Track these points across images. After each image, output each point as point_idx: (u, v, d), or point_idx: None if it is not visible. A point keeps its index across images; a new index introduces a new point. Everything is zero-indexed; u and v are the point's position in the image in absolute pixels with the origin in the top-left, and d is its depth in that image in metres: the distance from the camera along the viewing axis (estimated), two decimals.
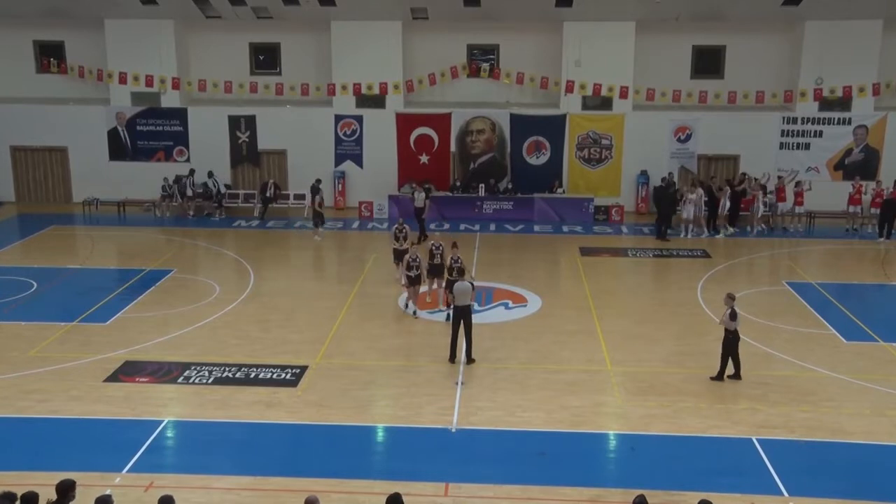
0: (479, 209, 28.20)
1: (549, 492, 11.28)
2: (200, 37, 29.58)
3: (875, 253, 24.27)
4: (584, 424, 13.34)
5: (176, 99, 29.29)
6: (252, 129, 29.38)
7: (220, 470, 11.76)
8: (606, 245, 24.93)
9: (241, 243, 25.01)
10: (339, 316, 18.45)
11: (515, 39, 28.82)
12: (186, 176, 28.76)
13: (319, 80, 29.19)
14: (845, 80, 27.63)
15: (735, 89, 28.32)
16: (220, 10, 27.78)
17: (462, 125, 28.87)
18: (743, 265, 23.02)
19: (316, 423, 13.32)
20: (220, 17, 28.32)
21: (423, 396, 14.25)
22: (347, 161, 29.35)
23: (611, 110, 28.46)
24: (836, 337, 17.26)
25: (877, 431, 13.05)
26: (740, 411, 13.70)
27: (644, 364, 15.66)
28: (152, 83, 29.03)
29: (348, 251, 25.23)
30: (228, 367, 15.42)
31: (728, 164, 28.71)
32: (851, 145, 28.14)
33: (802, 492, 11.17)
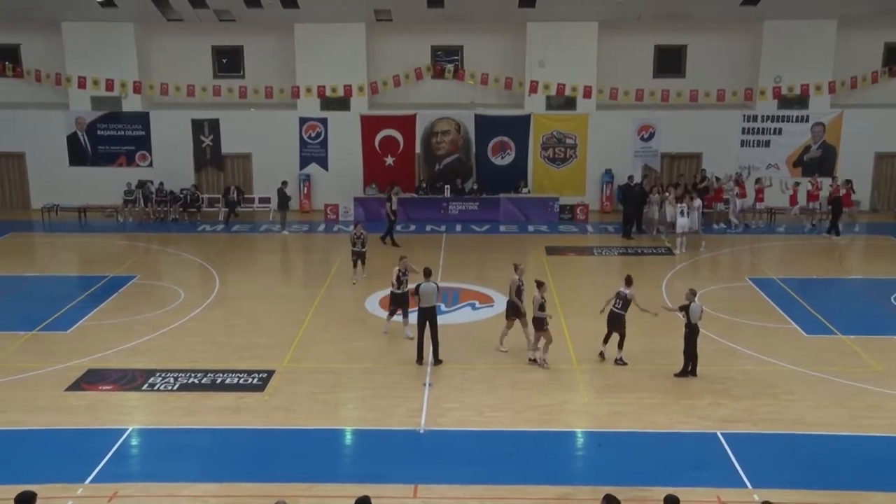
0: (445, 210, 28.24)
1: (517, 491, 11.33)
2: (162, 40, 29.30)
3: (833, 248, 24.70)
4: (552, 423, 13.42)
5: (137, 103, 28.98)
6: (216, 133, 29.16)
7: (187, 477, 11.66)
8: (572, 244, 25.09)
9: (205, 248, 24.79)
10: (305, 319, 18.38)
11: (479, 40, 28.92)
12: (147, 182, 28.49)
13: (283, 83, 29.04)
14: (803, 79, 28.12)
15: (697, 88, 28.67)
16: (182, 12, 27.52)
17: (427, 126, 28.90)
18: (706, 262, 23.30)
19: (284, 428, 13.26)
20: (181, 19, 28.05)
21: (391, 398, 14.24)
22: (312, 164, 29.25)
23: (575, 110, 28.66)
24: (797, 331, 17.55)
25: (835, 422, 13.29)
26: (705, 406, 13.87)
27: (610, 362, 15.77)
28: (113, 87, 28.69)
29: (314, 254, 25.14)
30: (194, 372, 15.29)
31: (691, 162, 29.05)
32: (809, 142, 28.63)
33: (765, 483, 11.34)
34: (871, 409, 13.76)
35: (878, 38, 28.48)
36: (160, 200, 28.45)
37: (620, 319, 15.68)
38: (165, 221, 28.22)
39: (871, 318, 18.46)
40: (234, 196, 28.16)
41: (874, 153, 28.62)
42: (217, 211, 28.73)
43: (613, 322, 15.73)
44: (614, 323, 15.72)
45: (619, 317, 15.67)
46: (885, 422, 13.36)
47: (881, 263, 23.06)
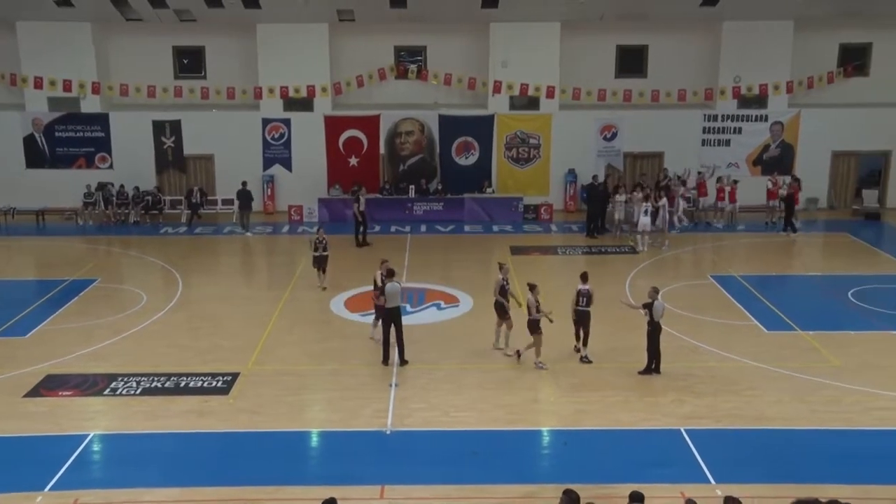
0: (410, 210, 28.22)
1: (483, 490, 11.36)
2: (121, 40, 28.90)
3: (793, 245, 25.10)
4: (518, 422, 13.47)
5: (96, 104, 28.56)
6: (177, 134, 28.84)
7: (150, 483, 11.52)
8: (536, 244, 25.21)
9: (168, 250, 24.51)
10: (270, 321, 18.26)
11: (442, 41, 28.95)
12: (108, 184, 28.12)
13: (246, 84, 28.81)
14: (761, 79, 28.54)
15: (658, 88, 28.96)
16: (141, 12, 27.17)
17: (391, 127, 28.86)
18: (669, 260, 23.54)
19: (249, 431, 13.17)
20: (140, 19, 27.69)
21: (357, 400, 14.21)
22: (276, 165, 29.05)
23: (538, 110, 28.81)
24: (758, 327, 17.81)
25: (796, 417, 13.52)
26: (668, 403, 14.02)
27: (575, 360, 15.88)
28: (71, 88, 28.24)
29: (278, 255, 24.98)
30: (157, 376, 15.11)
31: (653, 161, 29.34)
32: (768, 141, 29.07)
33: (728, 478, 11.49)
34: (830, 404, 14.01)
35: (834, 39, 29.00)
36: (121, 203, 28.06)
37: (586, 316, 15.83)
38: (126, 224, 27.85)
39: (829, 314, 18.79)
40: (196, 198, 27.88)
41: (830, 152, 29.13)
42: (179, 213, 28.42)
43: (581, 320, 15.87)
44: (581, 320, 15.86)
45: (585, 314, 15.82)
46: (843, 415, 13.62)
47: (838, 260, 23.48)
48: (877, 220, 27.78)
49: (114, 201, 28.01)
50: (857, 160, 29.46)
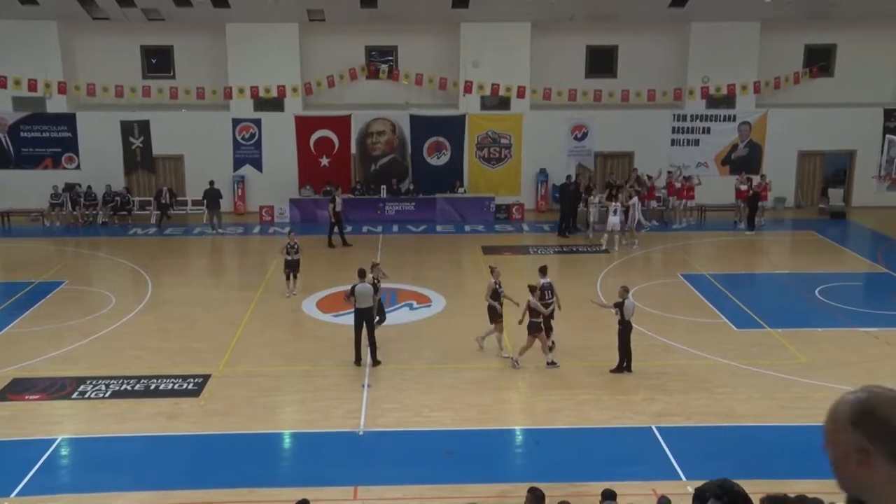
0: (382, 210, 28.18)
1: (457, 490, 11.37)
2: (88, 39, 28.56)
3: (761, 244, 25.41)
4: (491, 421, 13.51)
5: (63, 104, 28.20)
6: (146, 135, 28.56)
7: (120, 486, 11.40)
8: (508, 243, 25.28)
9: (137, 252, 24.26)
10: (241, 322, 18.14)
11: (413, 41, 28.93)
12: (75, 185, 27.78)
13: (215, 84, 28.59)
14: (729, 79, 28.85)
15: (628, 88, 29.16)
16: (108, 11, 26.86)
17: (362, 127, 28.79)
18: (640, 259, 23.73)
19: (221, 433, 13.08)
20: (107, 18, 27.38)
21: (329, 400, 14.16)
22: (246, 165, 28.87)
23: (509, 110, 28.89)
24: (728, 325, 17.99)
25: (765, 413, 13.69)
26: (640, 401, 14.13)
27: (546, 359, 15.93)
28: (36, 87, 27.85)
29: (249, 256, 24.83)
30: (127, 379, 14.96)
31: (623, 161, 29.54)
32: (737, 141, 29.39)
33: (699, 475, 11.53)
34: (798, 400, 14.19)
35: (799, 40, 29.40)
36: (89, 204, 27.73)
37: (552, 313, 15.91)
38: (94, 225, 27.53)
39: (797, 311, 19.05)
40: (166, 198, 27.61)
41: (797, 151, 29.52)
42: (149, 214, 28.14)
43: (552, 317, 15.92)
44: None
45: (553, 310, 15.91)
46: (811, 411, 13.77)
47: (805, 258, 23.81)
48: (842, 218, 28.19)
49: (81, 202, 27.67)
50: (822, 159, 29.89)
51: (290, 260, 19.84)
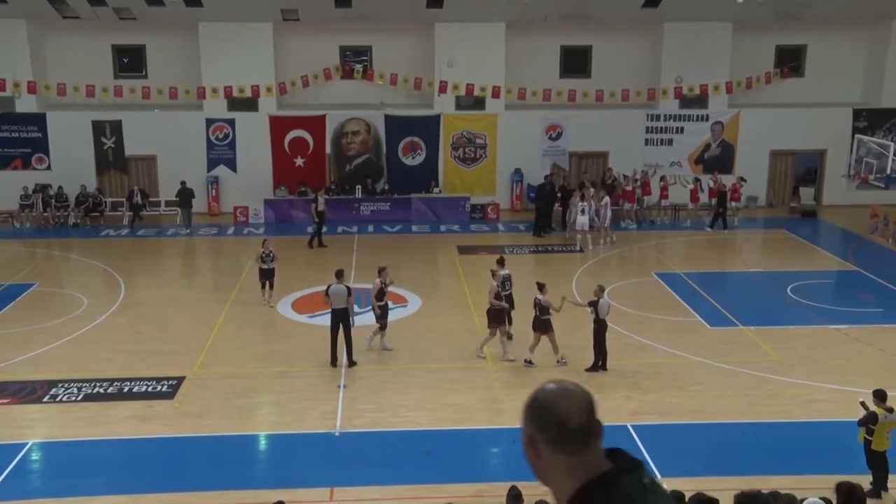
0: (357, 211, 28.09)
1: (434, 490, 11.38)
2: (58, 38, 28.22)
3: (734, 243, 25.63)
4: (467, 421, 13.53)
5: (32, 104, 27.82)
6: (118, 135, 28.26)
7: (93, 491, 11.30)
8: (483, 243, 25.30)
9: (109, 253, 24.02)
10: (215, 324, 18.02)
11: (388, 41, 28.88)
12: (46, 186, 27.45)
13: (188, 83, 28.34)
14: (702, 79, 29.07)
15: (602, 88, 29.27)
16: (78, 10, 26.53)
17: (337, 127, 28.69)
18: (614, 258, 23.85)
19: (195, 435, 12.99)
20: (78, 17, 27.05)
21: (305, 402, 14.11)
22: (220, 165, 28.66)
23: (484, 110, 28.91)
24: (702, 323, 18.14)
25: (738, 411, 13.83)
26: (615, 400, 14.20)
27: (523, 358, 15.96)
28: (5, 87, 27.46)
29: (224, 257, 24.68)
30: (99, 382, 14.80)
31: (598, 160, 29.68)
32: (709, 140, 29.62)
33: (673, 472, 11.67)
34: (770, 397, 14.35)
35: (770, 40, 29.69)
36: (60, 205, 27.40)
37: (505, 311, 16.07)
38: (66, 227, 27.20)
39: (769, 309, 19.26)
40: (138, 199, 27.35)
41: (769, 151, 29.81)
42: (121, 215, 27.87)
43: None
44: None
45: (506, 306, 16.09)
46: (782, 408, 13.96)
47: (777, 257, 24.06)
48: (813, 217, 28.51)
49: (52, 203, 27.33)
50: (793, 159, 30.21)
51: (266, 269, 19.12)
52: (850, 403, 13.55)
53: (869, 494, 10.16)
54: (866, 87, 30.04)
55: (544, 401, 2.43)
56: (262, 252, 19.22)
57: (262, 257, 19.17)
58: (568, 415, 2.39)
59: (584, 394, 2.47)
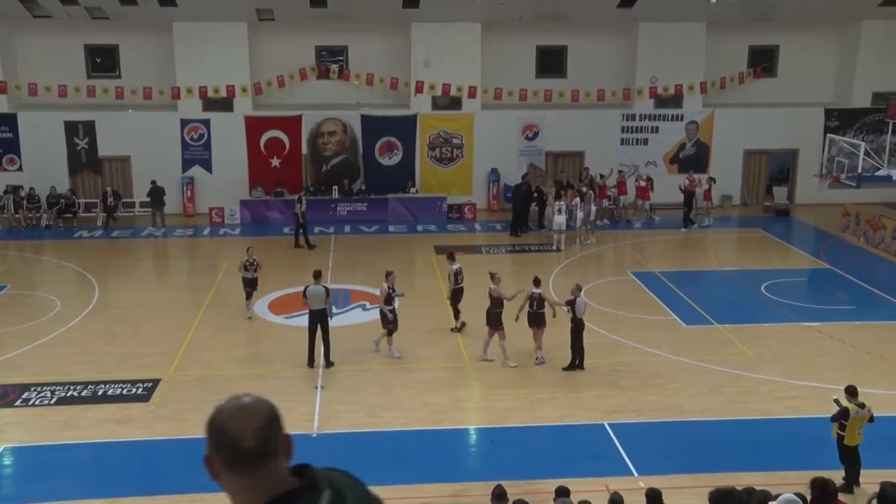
0: (334, 211, 28.00)
1: (412, 490, 11.37)
2: (29, 38, 27.88)
3: (709, 241, 25.85)
4: (445, 421, 13.53)
5: (3, 104, 27.48)
6: (91, 136, 27.98)
7: (67, 495, 11.18)
8: (461, 243, 25.28)
9: (83, 255, 23.77)
10: (192, 326, 17.90)
11: (364, 41, 28.81)
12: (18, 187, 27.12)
13: (163, 84, 28.11)
14: (677, 79, 29.27)
15: (578, 88, 29.38)
16: (50, 9, 26.23)
17: (313, 127, 28.59)
18: (591, 257, 23.96)
19: (171, 438, 12.89)
20: (49, 16, 26.74)
21: (282, 403, 13.65)
22: (195, 166, 28.46)
23: (460, 110, 28.93)
24: (678, 322, 18.27)
25: (714, 408, 13.94)
26: (593, 398, 14.28)
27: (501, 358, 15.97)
28: None
29: (200, 259, 24.51)
30: (73, 385, 14.65)
31: (574, 160, 29.79)
32: (684, 140, 29.84)
33: (650, 471, 11.76)
34: (746, 395, 14.48)
35: (743, 41, 29.96)
36: (32, 206, 27.08)
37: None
38: (38, 228, 26.89)
39: (743, 307, 19.43)
40: (112, 200, 27.10)
41: (743, 150, 30.07)
42: (95, 216, 27.61)
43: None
44: None
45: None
46: (758, 405, 14.10)
47: (751, 255, 24.27)
48: (787, 215, 28.81)
49: (24, 205, 27.00)
50: (767, 158, 30.50)
51: (249, 278, 18.35)
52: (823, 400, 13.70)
53: (841, 489, 10.28)
54: (837, 88, 30.41)
55: (218, 421, 2.34)
56: (246, 260, 18.36)
57: (246, 266, 18.31)
58: (240, 435, 2.29)
59: (262, 411, 2.36)
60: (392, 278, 16.23)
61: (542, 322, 15.61)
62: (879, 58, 29.05)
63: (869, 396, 11.67)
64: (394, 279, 16.29)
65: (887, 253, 23.80)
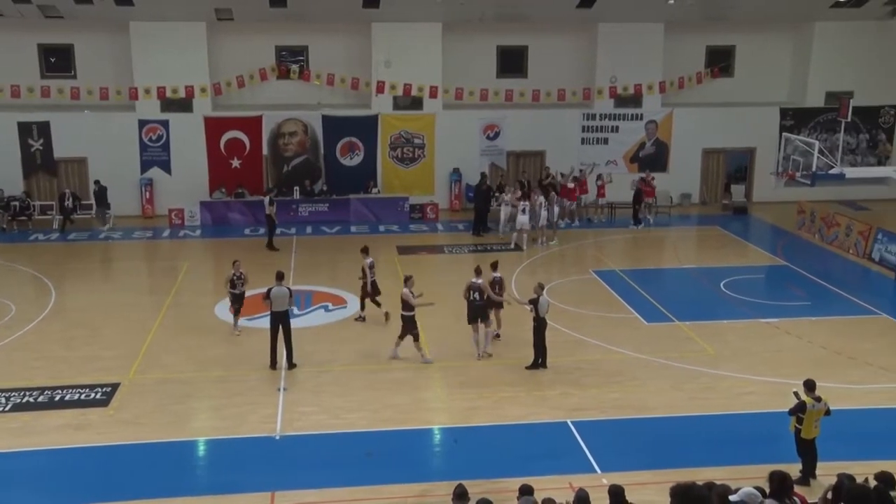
0: (295, 212, 27.83)
1: (376, 491, 11.35)
2: None
3: (669, 239, 26.14)
4: (409, 421, 13.52)
5: None
6: (46, 137, 27.49)
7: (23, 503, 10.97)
8: (423, 243, 25.32)
9: (38, 258, 23.35)
10: (152, 328, 17.68)
11: (324, 40, 28.67)
12: None
13: (120, 84, 27.71)
14: (636, 79, 29.57)
15: (538, 88, 29.56)
16: (1, 7, 25.70)
17: (273, 128, 28.39)
18: (553, 256, 24.09)
19: (131, 443, 12.72)
20: (1, 15, 26.20)
21: (244, 406, 13.93)
22: (154, 167, 28.10)
23: (421, 110, 28.93)
24: (639, 319, 18.45)
25: (675, 405, 14.10)
26: (556, 396, 14.36)
27: (465, 357, 16.03)
28: None
29: (159, 261, 24.18)
30: (29, 390, 14.39)
31: (535, 159, 29.94)
32: (644, 139, 30.15)
33: (613, 467, 11.86)
34: (706, 391, 14.68)
35: (701, 41, 30.36)
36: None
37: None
38: None
39: (703, 304, 19.68)
40: (69, 203, 26.64)
41: (701, 149, 30.46)
42: (51, 219, 27.13)
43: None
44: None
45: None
46: (718, 401, 14.29)
47: (710, 252, 24.58)
48: (744, 213, 29.26)
49: None
50: (725, 157, 30.93)
51: (237, 293, 17.39)
52: (781, 395, 13.96)
53: (797, 482, 10.46)
54: (792, 87, 30.96)
55: None
56: (233, 275, 17.33)
57: (232, 281, 17.31)
58: None
59: None
60: (410, 283, 15.91)
61: (486, 316, 15.75)
62: (832, 58, 29.66)
63: (825, 390, 11.89)
64: (412, 283, 15.91)
65: (841, 249, 24.29)
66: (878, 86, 29.60)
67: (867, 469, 9.41)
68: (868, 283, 21.62)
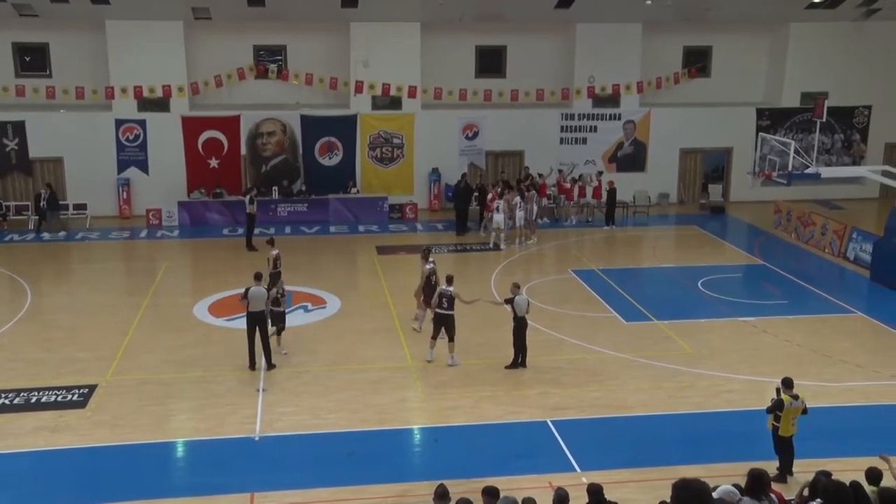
0: (274, 212, 27.72)
1: (357, 492, 11.34)
2: None
3: (647, 239, 26.30)
4: (389, 421, 13.51)
5: None
6: (21, 136, 27.20)
7: None
8: (402, 243, 25.30)
9: (14, 259, 23.11)
10: (130, 329, 17.55)
11: (303, 40, 28.59)
12: None
13: (96, 83, 27.48)
14: (614, 79, 29.72)
15: (517, 88, 29.64)
16: None
17: (252, 128, 28.26)
18: (533, 256, 24.16)
19: (109, 445, 12.62)
20: None
21: (224, 406, 13.87)
22: (132, 167, 27.88)
23: (400, 110, 28.91)
24: (618, 319, 18.55)
25: (655, 403, 14.19)
26: (535, 396, 14.41)
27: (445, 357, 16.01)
28: None
29: (137, 261, 24.00)
30: (5, 393, 14.25)
31: (514, 159, 30.01)
32: (622, 139, 30.31)
33: (593, 466, 11.92)
34: (685, 389, 14.78)
35: (678, 41, 30.57)
36: None
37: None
38: None
39: (681, 303, 19.81)
40: (45, 203, 26.37)
41: (679, 149, 30.67)
42: (26, 219, 26.85)
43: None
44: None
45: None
46: (697, 399, 14.40)
47: (688, 252, 24.76)
48: (721, 213, 29.49)
49: None
50: (702, 157, 31.16)
51: (279, 312, 16.31)
52: (759, 393, 14.11)
53: (774, 479, 10.57)
54: (768, 88, 31.24)
55: None
56: (276, 292, 16.23)
57: (277, 299, 16.22)
58: None
59: None
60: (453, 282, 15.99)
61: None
62: (807, 59, 29.97)
63: (801, 388, 12.01)
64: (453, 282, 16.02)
65: (817, 248, 24.55)
66: (852, 86, 29.98)
67: (843, 466, 9.54)
68: (843, 282, 21.88)
